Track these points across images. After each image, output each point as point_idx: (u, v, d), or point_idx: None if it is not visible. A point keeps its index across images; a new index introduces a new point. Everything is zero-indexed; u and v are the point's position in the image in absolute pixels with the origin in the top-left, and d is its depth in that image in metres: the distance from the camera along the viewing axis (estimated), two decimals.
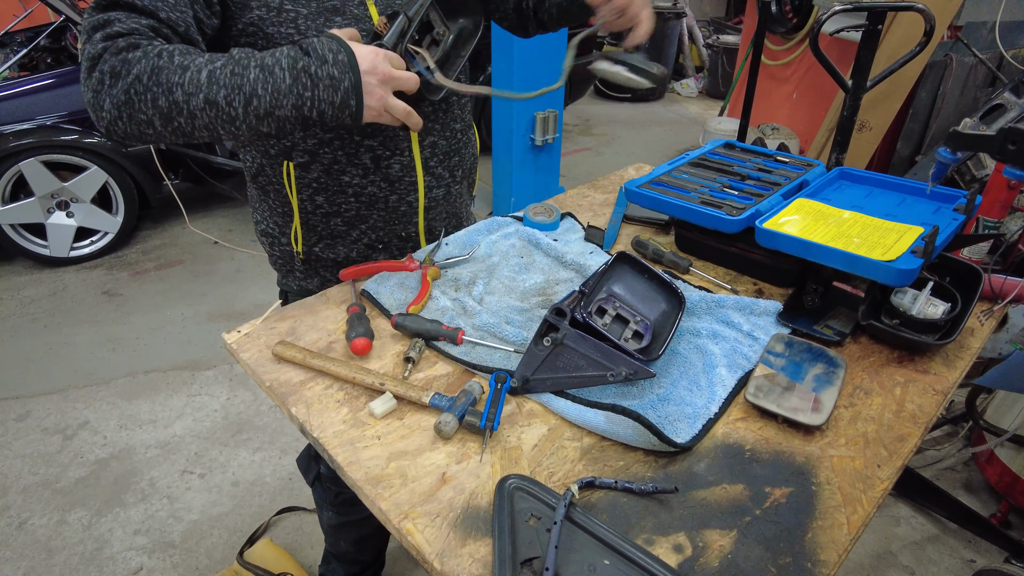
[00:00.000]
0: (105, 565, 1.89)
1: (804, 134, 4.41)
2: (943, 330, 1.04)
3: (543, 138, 3.50)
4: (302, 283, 1.33)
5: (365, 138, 1.13)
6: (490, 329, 1.05)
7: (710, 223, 1.20)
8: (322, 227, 1.22)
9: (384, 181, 1.18)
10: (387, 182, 1.19)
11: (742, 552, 0.72)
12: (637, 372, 0.90)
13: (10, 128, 3.08)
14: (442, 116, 1.21)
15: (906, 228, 1.11)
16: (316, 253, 1.26)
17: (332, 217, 1.21)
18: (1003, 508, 1.99)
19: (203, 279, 3.38)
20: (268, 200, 1.25)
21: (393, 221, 1.24)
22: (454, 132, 1.25)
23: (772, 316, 1.10)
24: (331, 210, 1.20)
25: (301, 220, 1.22)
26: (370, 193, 1.19)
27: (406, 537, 0.74)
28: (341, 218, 1.21)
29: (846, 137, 2.51)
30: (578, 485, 0.77)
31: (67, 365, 2.73)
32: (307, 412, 0.91)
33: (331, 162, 1.14)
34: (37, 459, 2.25)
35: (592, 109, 6.47)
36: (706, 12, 8.26)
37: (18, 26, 4.11)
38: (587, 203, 1.56)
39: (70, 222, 3.39)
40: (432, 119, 1.19)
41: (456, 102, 1.24)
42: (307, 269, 1.31)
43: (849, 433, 0.88)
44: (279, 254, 1.32)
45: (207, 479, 2.17)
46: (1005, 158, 1.03)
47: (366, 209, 1.21)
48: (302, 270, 1.31)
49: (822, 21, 2.32)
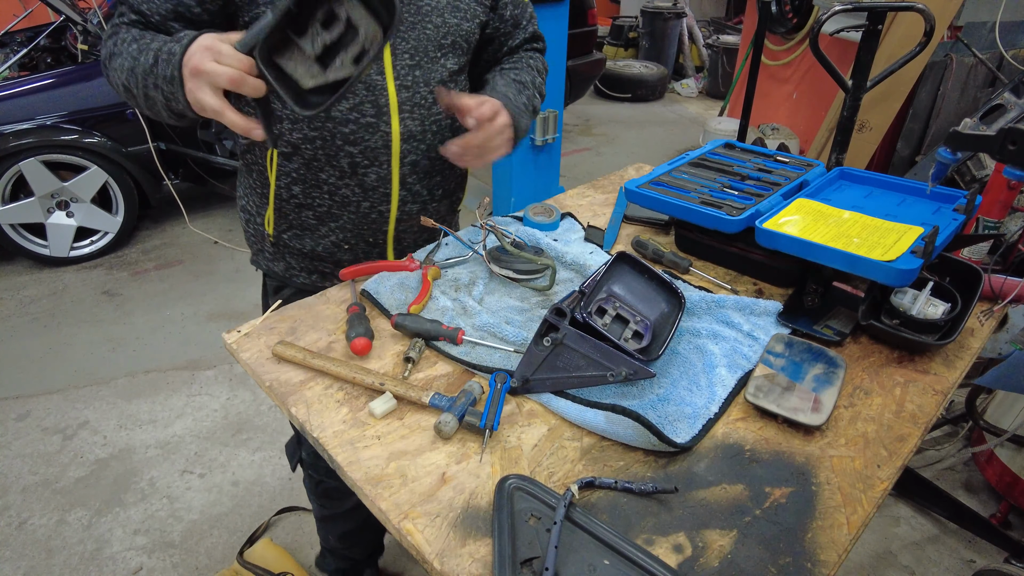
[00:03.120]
0: (105, 565, 1.89)
1: (804, 134, 4.41)
2: (943, 330, 1.04)
3: (543, 138, 3.50)
4: (269, 264, 1.37)
5: (346, 143, 1.15)
6: (490, 329, 1.05)
7: (710, 223, 1.20)
8: (293, 216, 1.25)
9: (359, 187, 1.20)
10: (361, 188, 1.20)
11: (742, 552, 0.72)
12: (637, 372, 0.90)
13: (10, 128, 3.08)
14: (429, 138, 1.21)
15: (906, 228, 1.11)
16: (284, 240, 1.30)
17: (304, 209, 1.23)
18: (1003, 508, 1.99)
19: (203, 279, 3.38)
20: (251, 178, 1.29)
21: (362, 226, 1.26)
22: (438, 155, 1.22)
23: (772, 316, 1.10)
24: (304, 202, 1.22)
25: (275, 206, 1.24)
26: (343, 195, 1.21)
27: (406, 537, 0.74)
28: (313, 212, 1.23)
29: (846, 137, 2.51)
30: (578, 485, 0.77)
31: (67, 365, 2.73)
32: (307, 412, 0.91)
33: (311, 158, 1.16)
34: (37, 459, 2.25)
35: (592, 109, 6.47)
36: (706, 12, 8.26)
37: (18, 26, 4.11)
38: (587, 203, 1.56)
39: (70, 222, 3.39)
40: (419, 139, 1.18)
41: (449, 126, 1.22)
42: (275, 252, 1.34)
43: (849, 433, 0.88)
44: (252, 232, 1.36)
45: (207, 479, 2.17)
46: (1005, 158, 1.03)
47: (338, 208, 1.22)
48: (271, 252, 1.35)
49: (822, 21, 2.32)
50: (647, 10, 7.06)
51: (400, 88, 1.13)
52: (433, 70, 1.16)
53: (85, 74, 3.28)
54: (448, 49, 1.18)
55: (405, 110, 1.15)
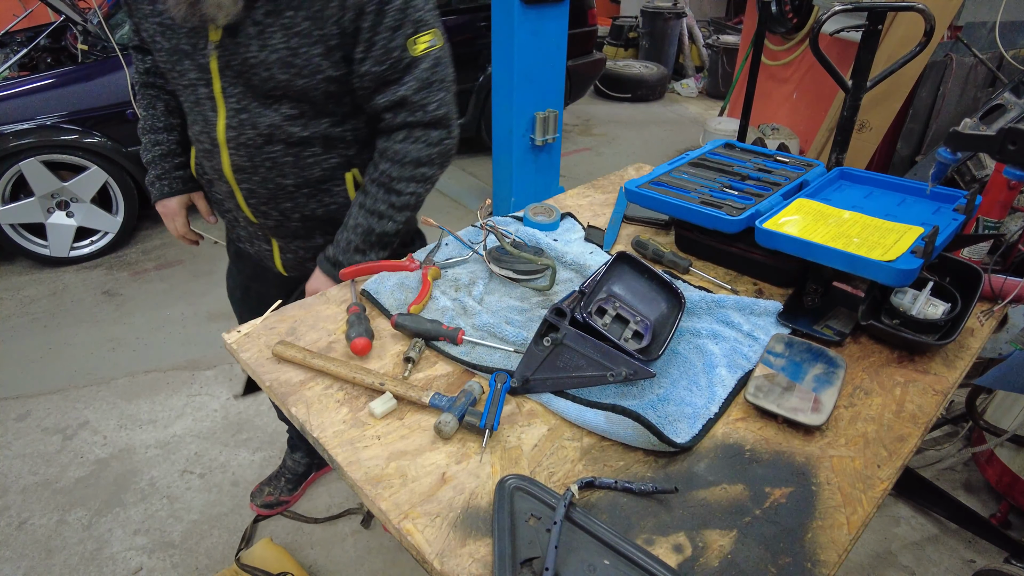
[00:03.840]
0: (105, 565, 1.89)
1: (804, 134, 4.41)
2: (943, 330, 1.04)
3: (543, 138, 3.50)
4: None
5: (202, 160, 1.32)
6: (490, 329, 1.05)
7: (710, 223, 1.20)
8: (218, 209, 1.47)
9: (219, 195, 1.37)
10: (220, 197, 1.37)
11: (742, 552, 0.72)
12: (637, 372, 0.90)
13: (10, 128, 3.08)
14: (263, 171, 1.22)
15: (906, 228, 1.11)
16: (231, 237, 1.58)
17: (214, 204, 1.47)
18: (1003, 508, 1.99)
19: (203, 279, 3.38)
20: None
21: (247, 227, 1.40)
22: (281, 185, 1.24)
23: (772, 316, 1.10)
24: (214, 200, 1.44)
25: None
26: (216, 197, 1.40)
27: (406, 537, 0.73)
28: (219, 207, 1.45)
29: (846, 137, 2.51)
30: (578, 485, 0.77)
31: (67, 365, 2.73)
32: (307, 412, 0.91)
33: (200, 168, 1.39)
34: (37, 459, 2.25)
35: (592, 109, 6.47)
36: (706, 12, 8.26)
37: (18, 26, 4.11)
38: (587, 203, 1.56)
39: (70, 222, 3.39)
40: (249, 171, 1.23)
41: (290, 162, 1.22)
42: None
43: (849, 433, 0.88)
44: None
45: (207, 479, 2.17)
46: (1005, 158, 1.03)
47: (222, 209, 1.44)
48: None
49: (822, 21, 2.32)
50: (647, 10, 7.06)
51: (228, 127, 1.18)
52: (262, 115, 1.16)
53: (85, 74, 3.28)
54: (279, 100, 1.14)
55: (231, 147, 1.20)
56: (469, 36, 4.30)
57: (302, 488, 2.09)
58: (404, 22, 1.06)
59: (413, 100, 1.13)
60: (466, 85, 4.40)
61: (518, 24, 3.08)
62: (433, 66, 1.12)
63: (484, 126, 4.60)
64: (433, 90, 1.13)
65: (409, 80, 1.11)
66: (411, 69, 1.10)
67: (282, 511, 2.03)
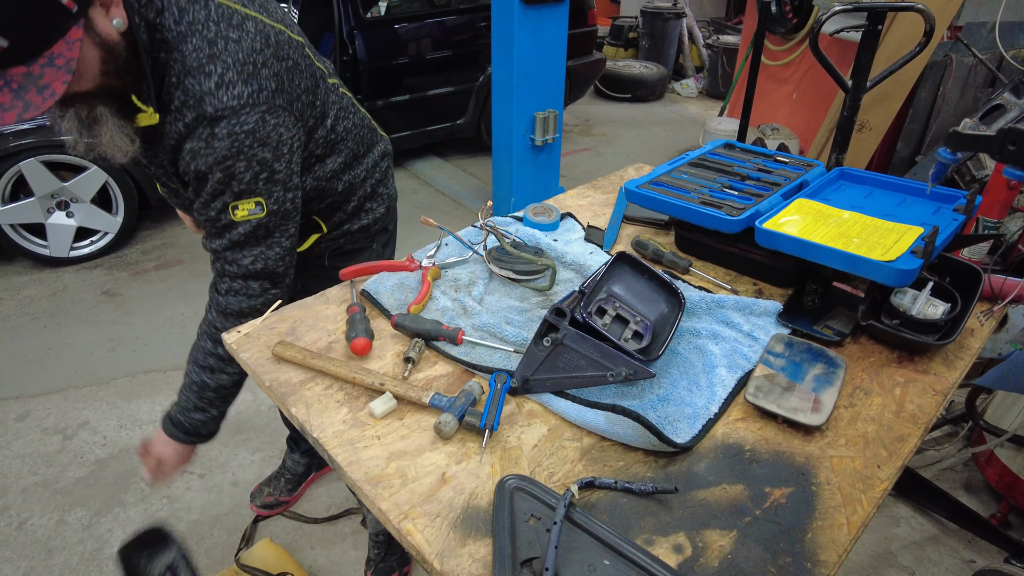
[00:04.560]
0: (105, 565, 1.88)
1: (804, 134, 4.40)
2: (943, 330, 1.04)
3: (543, 138, 3.50)
4: None
5: None
6: (490, 329, 1.05)
7: (710, 223, 1.20)
8: None
9: None
10: None
11: (742, 552, 0.72)
12: (637, 372, 0.90)
13: (10, 128, 3.08)
14: None
15: (906, 228, 1.11)
16: None
17: None
18: (1003, 508, 1.99)
19: (203, 279, 3.38)
20: None
21: None
22: None
23: (772, 316, 1.10)
24: None
25: None
26: None
27: (406, 537, 0.73)
28: None
29: (846, 137, 2.51)
30: (578, 485, 0.77)
31: (67, 365, 2.73)
32: (307, 412, 0.91)
33: None
34: (37, 459, 2.25)
35: (592, 109, 6.47)
36: (706, 12, 8.26)
37: None
38: (587, 203, 1.56)
39: (70, 222, 3.39)
40: None
41: None
42: None
43: (849, 433, 0.88)
44: None
45: (207, 479, 2.17)
46: (1005, 158, 1.03)
47: None
48: None
49: (822, 21, 2.32)
50: (647, 10, 7.06)
51: None
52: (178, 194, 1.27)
53: None
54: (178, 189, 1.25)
55: None
56: (469, 36, 4.30)
57: (302, 488, 2.09)
58: (225, 191, 1.08)
59: (225, 256, 1.15)
60: (466, 85, 4.40)
61: (518, 24, 3.08)
62: (252, 231, 1.12)
63: (484, 126, 4.60)
64: (248, 248, 1.14)
65: (224, 239, 1.14)
66: (227, 231, 1.12)
67: (282, 511, 2.03)
